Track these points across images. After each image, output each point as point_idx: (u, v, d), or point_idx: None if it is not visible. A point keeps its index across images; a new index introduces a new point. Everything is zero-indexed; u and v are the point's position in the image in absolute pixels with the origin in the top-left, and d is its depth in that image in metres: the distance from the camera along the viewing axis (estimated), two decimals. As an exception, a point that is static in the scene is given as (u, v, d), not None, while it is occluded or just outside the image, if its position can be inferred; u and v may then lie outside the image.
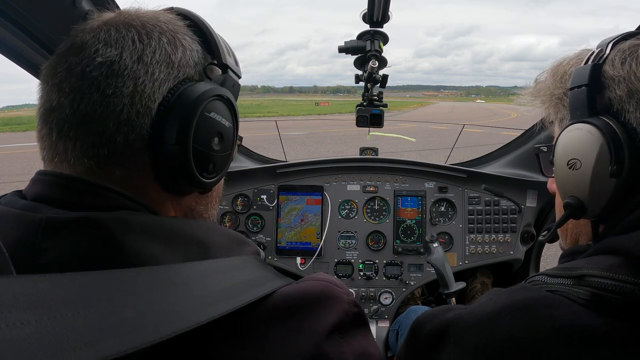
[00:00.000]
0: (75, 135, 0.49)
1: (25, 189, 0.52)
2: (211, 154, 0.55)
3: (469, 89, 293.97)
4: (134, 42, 0.50)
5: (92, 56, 0.49)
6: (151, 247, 0.45)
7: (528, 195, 1.88)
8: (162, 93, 0.51)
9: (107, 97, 0.48)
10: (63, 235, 0.43)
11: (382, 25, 1.38)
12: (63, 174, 0.49)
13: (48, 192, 0.48)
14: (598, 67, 0.60)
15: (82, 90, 0.48)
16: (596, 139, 0.58)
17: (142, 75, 0.49)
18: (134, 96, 0.49)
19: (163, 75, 0.51)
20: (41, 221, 0.44)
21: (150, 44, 0.51)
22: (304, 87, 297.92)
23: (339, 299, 0.52)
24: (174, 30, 0.54)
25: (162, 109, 0.50)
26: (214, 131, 0.55)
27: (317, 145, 13.47)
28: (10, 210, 0.46)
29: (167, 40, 0.52)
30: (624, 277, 0.49)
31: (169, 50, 0.52)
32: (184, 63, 0.53)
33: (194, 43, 0.56)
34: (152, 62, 0.50)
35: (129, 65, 0.49)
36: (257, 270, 0.53)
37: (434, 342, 0.62)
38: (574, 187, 0.62)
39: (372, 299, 1.87)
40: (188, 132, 0.51)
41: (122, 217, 0.46)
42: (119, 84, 0.48)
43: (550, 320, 0.51)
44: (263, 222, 1.94)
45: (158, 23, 0.53)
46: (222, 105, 0.56)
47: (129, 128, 0.49)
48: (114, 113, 0.48)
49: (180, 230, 0.50)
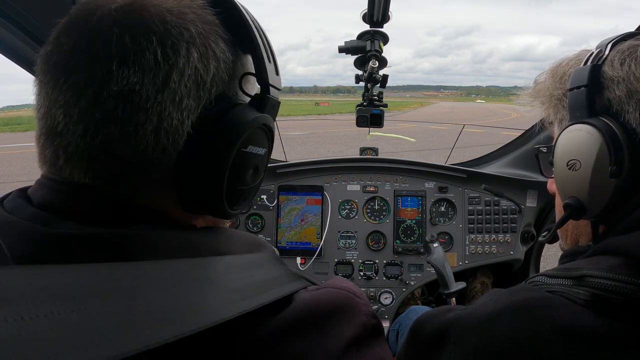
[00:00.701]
0: (88, 166, 0.42)
1: (30, 190, 0.46)
2: (245, 189, 0.49)
3: (469, 89, 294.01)
4: (157, 62, 0.40)
5: (106, 79, 0.40)
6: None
7: (528, 196, 1.88)
8: (190, 123, 0.43)
9: (127, 135, 0.41)
10: (76, 253, 0.39)
11: (382, 25, 1.38)
12: (71, 181, 0.43)
13: (58, 200, 0.43)
14: (597, 68, 0.60)
15: (95, 122, 0.40)
16: (596, 140, 0.57)
17: (169, 106, 0.41)
18: (159, 132, 0.41)
19: (193, 101, 0.43)
20: (52, 236, 0.39)
21: (178, 63, 0.41)
22: (304, 87, 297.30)
23: (357, 311, 0.51)
24: (205, 35, 0.43)
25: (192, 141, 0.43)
26: (250, 165, 0.48)
27: (317, 145, 13.46)
28: (17, 220, 0.41)
29: (199, 54, 0.42)
30: (624, 277, 0.49)
31: (200, 68, 0.42)
32: (217, 80, 0.44)
33: (229, 50, 0.45)
34: (179, 88, 0.41)
35: (151, 94, 0.40)
36: (275, 269, 0.52)
37: (434, 343, 0.62)
38: (573, 188, 0.62)
39: (372, 299, 1.87)
40: (222, 172, 0.44)
41: (139, 234, 0.41)
42: (141, 119, 0.40)
43: (550, 321, 0.51)
44: (263, 222, 1.94)
45: (185, 25, 0.42)
46: (262, 136, 0.49)
47: (151, 165, 0.42)
48: (136, 151, 0.41)
49: (199, 244, 0.46)
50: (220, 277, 0.42)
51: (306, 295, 0.50)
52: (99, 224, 0.41)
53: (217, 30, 0.45)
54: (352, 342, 0.47)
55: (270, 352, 0.42)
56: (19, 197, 0.45)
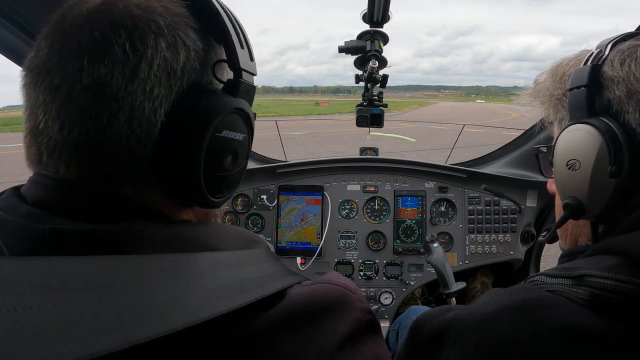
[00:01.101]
0: (68, 160, 0.44)
1: (23, 188, 0.47)
2: (224, 175, 0.49)
3: (469, 89, 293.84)
4: (125, 53, 0.41)
5: (77, 74, 0.41)
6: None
7: (528, 195, 1.88)
8: (163, 112, 0.44)
9: (101, 126, 0.42)
10: (70, 249, 0.40)
11: (382, 25, 1.38)
12: (64, 178, 0.44)
13: (50, 197, 0.44)
14: (597, 68, 0.60)
15: (71, 117, 0.42)
16: (595, 140, 0.57)
17: (140, 96, 0.42)
18: (132, 122, 0.42)
19: (164, 90, 0.43)
20: (45, 232, 0.40)
21: (146, 53, 0.42)
22: (304, 87, 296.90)
23: (351, 307, 0.51)
24: (174, 26, 0.44)
25: (166, 130, 0.44)
26: (227, 151, 0.48)
27: (317, 145, 13.47)
28: (12, 218, 0.42)
29: (166, 44, 0.43)
30: (623, 277, 0.49)
31: (169, 58, 0.43)
32: (189, 69, 0.45)
33: (199, 38, 0.46)
34: (149, 77, 0.42)
35: (122, 85, 0.42)
36: (268, 265, 0.51)
37: (433, 342, 0.62)
38: (573, 188, 0.62)
39: (372, 299, 1.87)
40: (198, 158, 0.45)
41: (131, 230, 0.42)
42: (114, 109, 0.42)
43: (549, 321, 0.51)
44: (263, 222, 1.94)
45: (152, 17, 0.43)
46: (237, 120, 0.49)
47: (129, 157, 0.43)
48: (111, 142, 0.42)
49: (191, 239, 0.47)
50: (207, 273, 0.42)
51: (300, 290, 0.50)
52: (91, 220, 0.42)
53: (186, 21, 0.46)
54: (347, 338, 0.47)
55: (261, 348, 0.42)
56: (13, 196, 0.46)
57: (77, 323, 0.29)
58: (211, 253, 0.46)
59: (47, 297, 0.29)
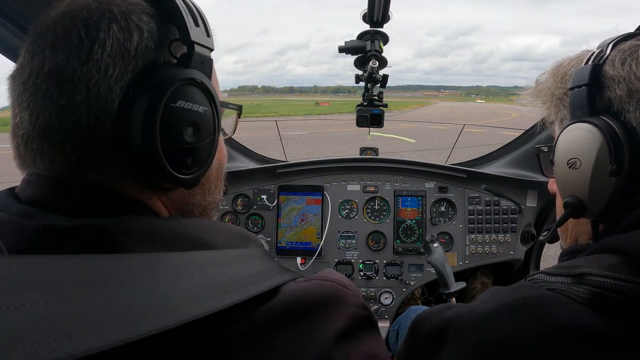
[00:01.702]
0: (39, 147, 0.46)
1: (18, 188, 0.49)
2: (186, 148, 0.49)
3: (469, 89, 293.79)
4: (80, 39, 0.44)
5: (41, 65, 0.45)
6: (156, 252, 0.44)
7: (528, 195, 1.88)
8: (121, 90, 0.46)
9: (61, 108, 0.44)
10: (62, 244, 0.42)
11: (382, 25, 1.38)
12: (56, 176, 0.47)
13: (44, 195, 0.46)
14: (598, 67, 0.60)
15: (37, 104, 0.45)
16: (596, 138, 0.58)
17: (94, 75, 0.44)
18: (89, 101, 0.44)
19: (119, 69, 0.45)
20: (38, 229, 0.42)
21: (99, 36, 0.45)
22: (304, 87, 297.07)
23: (346, 302, 0.51)
24: (127, 12, 0.47)
25: (123, 107, 0.45)
26: (184, 122, 0.49)
27: (317, 145, 13.46)
28: (9, 217, 0.44)
29: (118, 27, 0.46)
30: (623, 276, 0.49)
31: (121, 39, 0.46)
32: (143, 49, 0.47)
33: (153, 21, 0.49)
34: (103, 58, 0.45)
35: (77, 67, 0.44)
36: (262, 263, 0.52)
37: (433, 341, 0.62)
38: (573, 187, 0.62)
39: (372, 299, 1.87)
40: (153, 131, 0.45)
41: (122, 223, 0.44)
42: (70, 90, 0.44)
43: (549, 319, 0.51)
44: (263, 222, 1.94)
45: (107, 7, 0.47)
46: (192, 90, 0.50)
47: (91, 136, 0.45)
48: (71, 122, 0.45)
49: (183, 233, 0.48)
50: (197, 271, 0.43)
51: (294, 286, 0.50)
52: (83, 216, 0.44)
53: (141, 7, 0.49)
54: (342, 333, 0.47)
55: (256, 344, 0.42)
56: (7, 196, 0.49)
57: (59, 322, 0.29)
58: (202, 252, 0.47)
59: (39, 295, 0.30)
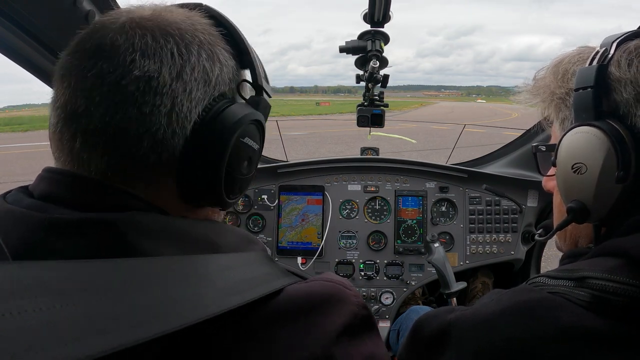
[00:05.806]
0: (104, 149, 0.46)
1: (31, 185, 0.49)
2: (240, 177, 0.54)
3: (470, 89, 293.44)
4: (173, 56, 0.47)
5: (128, 67, 0.45)
6: (162, 249, 0.44)
7: (529, 195, 1.88)
8: (197, 112, 0.49)
9: (144, 115, 0.46)
10: (69, 237, 0.41)
11: (382, 25, 1.38)
12: (72, 172, 0.47)
13: (56, 191, 0.46)
14: (603, 68, 0.58)
15: (116, 104, 0.45)
16: (602, 143, 0.56)
17: (180, 94, 0.47)
18: (171, 116, 0.47)
19: (200, 94, 0.49)
20: (44, 221, 0.42)
21: (190, 59, 0.48)
22: (305, 87, 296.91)
23: (347, 301, 0.51)
24: (212, 43, 0.51)
25: (197, 128, 0.49)
26: (245, 156, 0.54)
27: (318, 145, 13.46)
28: (16, 209, 0.44)
29: (207, 55, 0.50)
30: (624, 279, 0.48)
31: (207, 67, 0.50)
32: (220, 80, 0.51)
33: (230, 58, 0.54)
34: (190, 80, 0.48)
35: (167, 82, 0.46)
36: (264, 267, 0.52)
37: (435, 343, 0.62)
38: (578, 192, 0.60)
39: (373, 299, 1.87)
40: (223, 157, 0.50)
41: (131, 217, 0.44)
42: (157, 102, 0.46)
43: (551, 322, 0.51)
44: (264, 222, 1.94)
45: (196, 33, 0.50)
46: (256, 130, 0.55)
47: (162, 147, 0.47)
48: (150, 132, 0.46)
49: (191, 230, 0.49)
50: (209, 275, 0.44)
51: (297, 287, 0.51)
52: (93, 211, 0.44)
53: (221, 42, 0.53)
54: (344, 331, 0.48)
55: (258, 342, 0.43)
56: (20, 192, 0.48)
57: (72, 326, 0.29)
58: (208, 256, 0.47)
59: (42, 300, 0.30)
